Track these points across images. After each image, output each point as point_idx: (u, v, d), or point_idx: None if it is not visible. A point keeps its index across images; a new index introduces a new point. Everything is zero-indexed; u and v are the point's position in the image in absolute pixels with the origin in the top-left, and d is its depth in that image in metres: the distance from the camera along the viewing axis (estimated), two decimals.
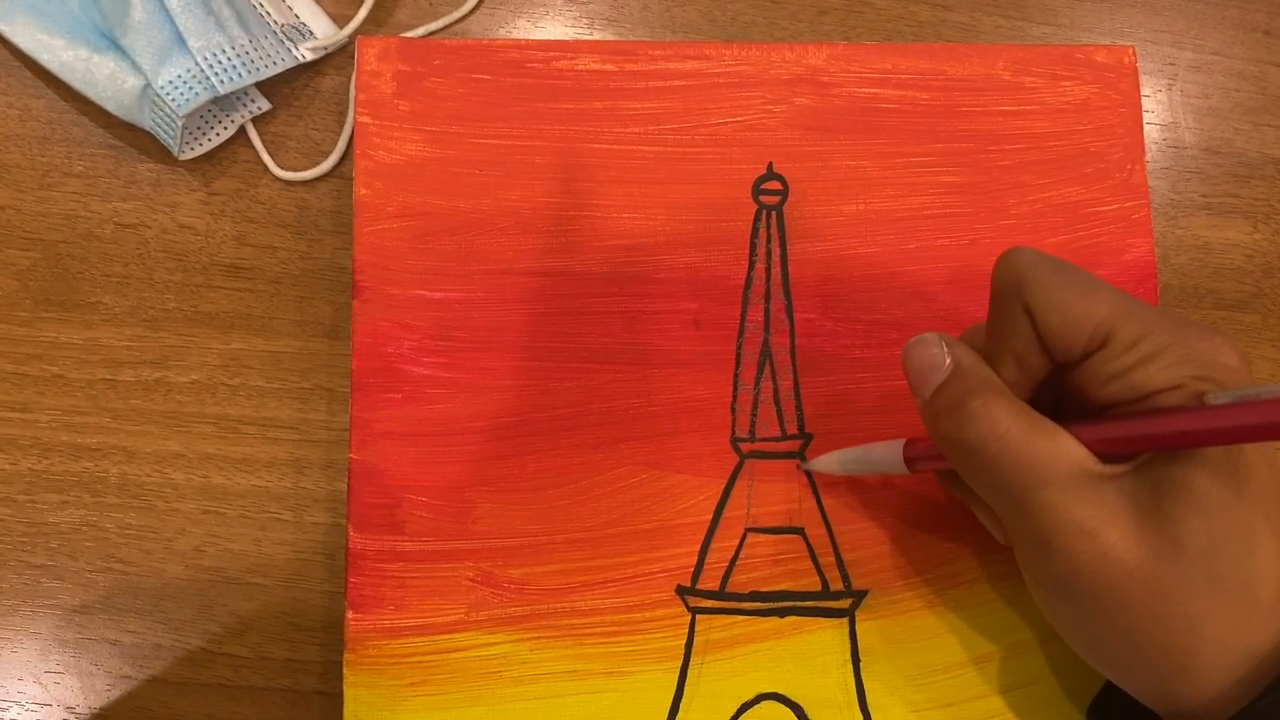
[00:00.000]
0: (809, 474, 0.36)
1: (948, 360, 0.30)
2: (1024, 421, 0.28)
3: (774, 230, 0.38)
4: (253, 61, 0.38)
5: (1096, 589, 0.27)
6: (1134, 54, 0.40)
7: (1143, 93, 0.40)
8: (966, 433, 0.28)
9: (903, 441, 0.33)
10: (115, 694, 0.36)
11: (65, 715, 0.36)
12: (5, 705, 0.36)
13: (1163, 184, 0.42)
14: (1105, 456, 0.28)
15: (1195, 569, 0.26)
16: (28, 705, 0.36)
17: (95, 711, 0.36)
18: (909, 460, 0.32)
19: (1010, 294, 0.29)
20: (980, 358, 0.30)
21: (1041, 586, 0.29)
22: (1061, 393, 0.30)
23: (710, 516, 0.36)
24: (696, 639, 0.35)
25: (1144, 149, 0.39)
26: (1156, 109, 0.42)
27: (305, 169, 0.40)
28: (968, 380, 0.29)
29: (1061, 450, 0.27)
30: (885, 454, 0.33)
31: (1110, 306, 0.28)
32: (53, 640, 0.36)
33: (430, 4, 0.42)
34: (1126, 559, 0.27)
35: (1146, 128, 0.40)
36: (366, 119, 0.38)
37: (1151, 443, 0.27)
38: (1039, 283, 0.28)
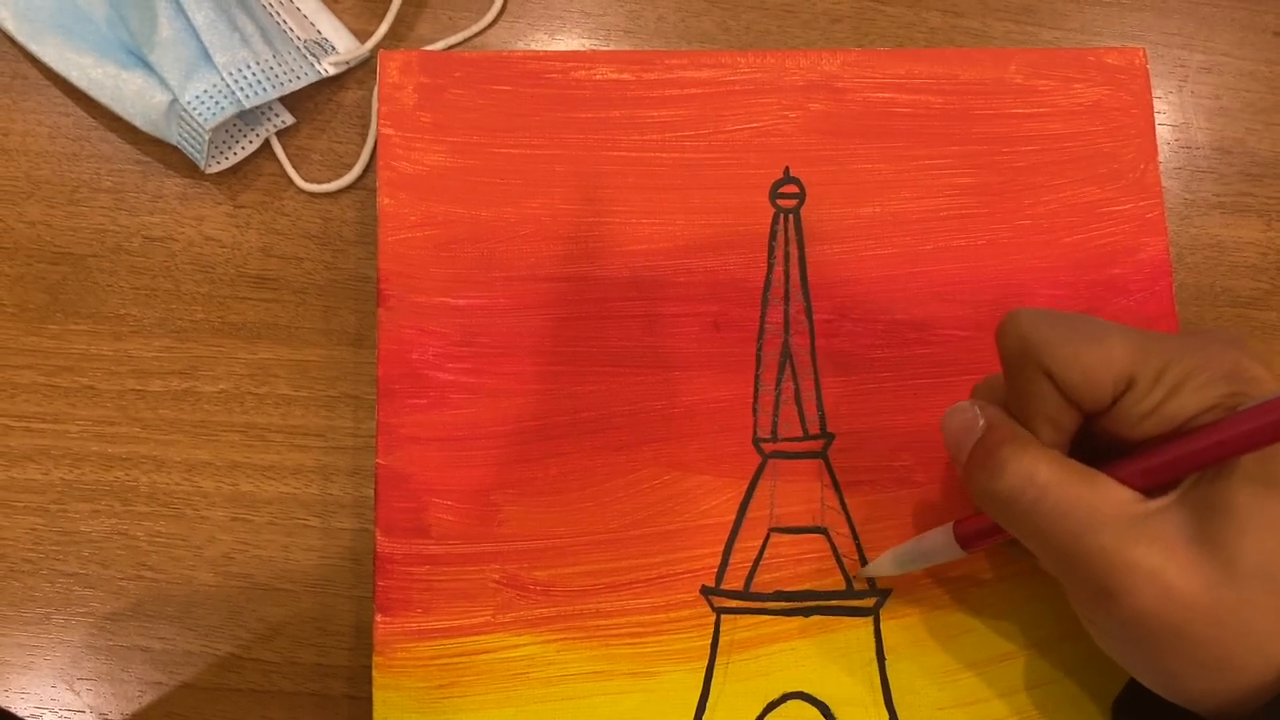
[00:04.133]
0: (832, 472, 0.36)
1: (980, 421, 0.30)
2: (1060, 469, 0.28)
3: (792, 233, 0.38)
4: (276, 76, 0.39)
5: (1165, 628, 0.27)
6: (1145, 56, 0.40)
7: (1154, 94, 0.41)
8: (998, 483, 0.28)
9: (951, 524, 0.33)
10: (146, 700, 0.37)
11: None
12: (39, 712, 0.36)
13: (1176, 184, 0.42)
14: (1148, 489, 0.28)
15: (1253, 588, 0.26)
16: (60, 712, 0.36)
17: (127, 717, 0.37)
18: (961, 539, 0.32)
19: (1023, 361, 0.29)
20: (1008, 415, 0.30)
21: (1107, 635, 0.29)
22: (1095, 438, 0.30)
23: (733, 517, 0.36)
24: (722, 639, 0.35)
25: (1156, 149, 0.39)
26: (1168, 110, 0.43)
27: (329, 181, 0.40)
28: (997, 432, 0.29)
29: (1104, 493, 0.27)
30: (937, 540, 0.33)
31: (1126, 348, 0.28)
32: (85, 647, 0.37)
33: (450, 18, 0.42)
34: (1188, 592, 0.26)
35: (1159, 128, 0.41)
36: (389, 131, 0.38)
37: (1190, 461, 0.27)
38: (1048, 343, 0.28)
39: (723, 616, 0.35)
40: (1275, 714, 0.26)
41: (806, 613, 0.36)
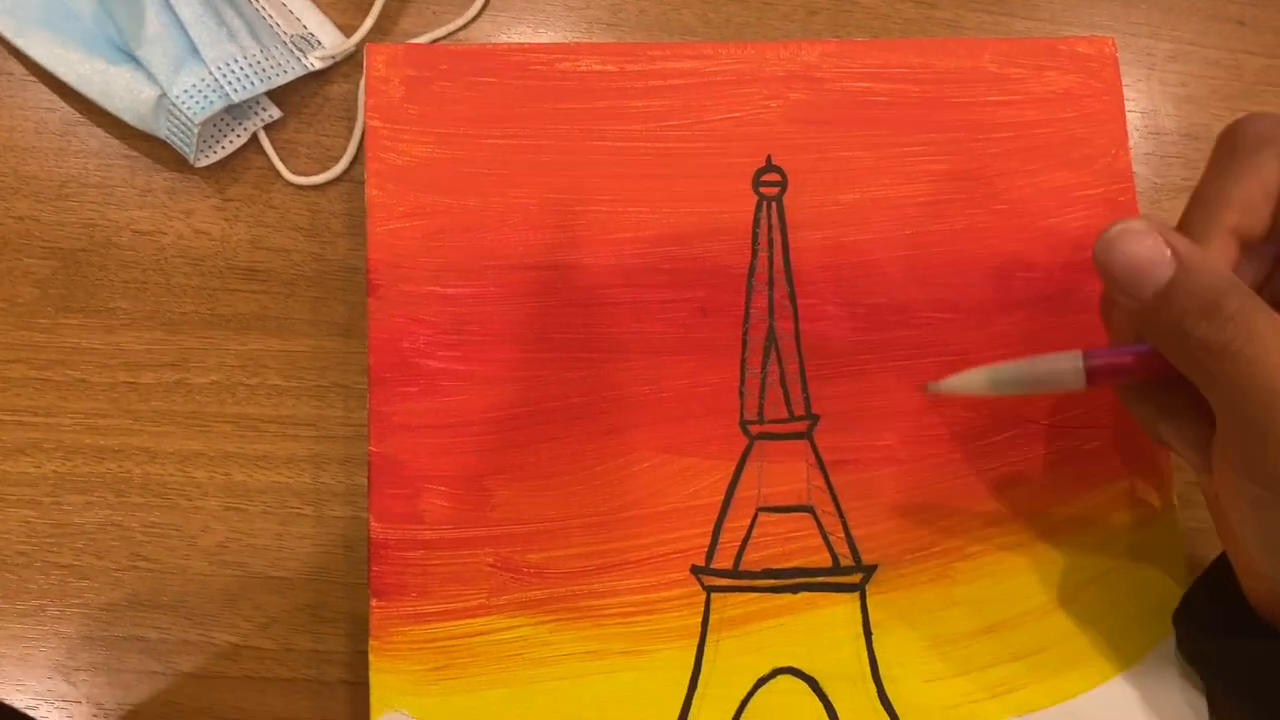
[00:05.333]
0: (817, 453, 0.37)
1: (1168, 252, 0.28)
2: (1275, 321, 0.26)
3: (775, 220, 0.39)
4: (264, 70, 0.40)
5: None
6: (1114, 44, 0.41)
7: (1123, 82, 0.42)
8: (1228, 333, 0.26)
9: (1079, 353, 0.30)
10: (143, 690, 0.37)
11: (94, 712, 0.37)
12: (35, 703, 0.37)
13: (1146, 169, 0.43)
14: None
15: None
16: (56, 703, 0.37)
17: (124, 708, 0.37)
18: (1092, 372, 0.30)
19: (1261, 144, 0.28)
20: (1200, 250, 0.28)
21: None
22: None
23: (722, 498, 0.37)
24: (712, 617, 0.36)
25: (1127, 135, 0.40)
26: (1137, 97, 0.44)
27: (316, 174, 0.41)
28: (1215, 279, 0.27)
29: None
30: (1056, 367, 0.31)
31: None
32: (80, 639, 0.37)
33: (434, 12, 0.43)
34: None
35: (1128, 115, 0.42)
36: (377, 123, 0.39)
37: None
38: None
39: (713, 595, 0.36)
40: None
41: (794, 589, 0.36)
